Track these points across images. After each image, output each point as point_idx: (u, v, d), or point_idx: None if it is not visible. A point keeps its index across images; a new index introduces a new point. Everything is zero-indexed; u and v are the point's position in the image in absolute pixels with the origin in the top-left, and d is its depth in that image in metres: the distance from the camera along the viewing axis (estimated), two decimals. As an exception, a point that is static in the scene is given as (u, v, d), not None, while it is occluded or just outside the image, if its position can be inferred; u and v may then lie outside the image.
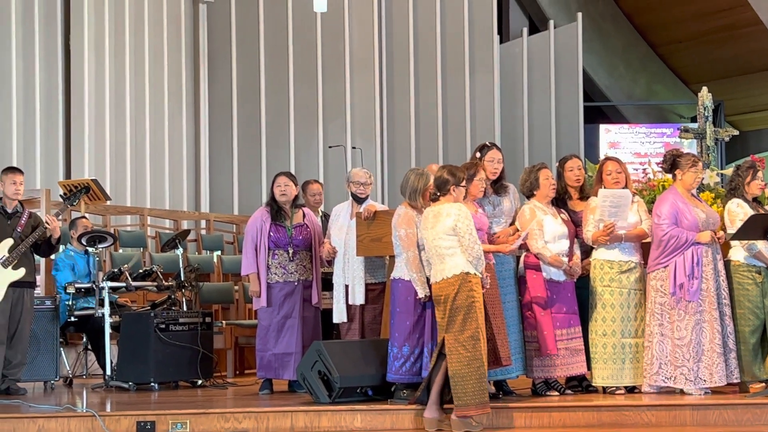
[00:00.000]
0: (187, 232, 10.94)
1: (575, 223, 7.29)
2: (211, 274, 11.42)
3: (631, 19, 18.50)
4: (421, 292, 6.67)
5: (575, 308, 7.18)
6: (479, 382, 6.34)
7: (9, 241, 7.94)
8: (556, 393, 7.12)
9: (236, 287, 10.45)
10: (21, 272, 7.94)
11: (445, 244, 6.42)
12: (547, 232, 7.06)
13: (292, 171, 13.72)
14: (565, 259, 7.10)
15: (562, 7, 17.38)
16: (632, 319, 7.17)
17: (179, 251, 9.46)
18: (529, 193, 7.23)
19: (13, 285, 7.94)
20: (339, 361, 6.89)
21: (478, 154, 7.29)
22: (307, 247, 7.96)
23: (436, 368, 6.50)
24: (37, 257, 8.58)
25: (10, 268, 7.91)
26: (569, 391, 7.23)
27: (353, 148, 14.56)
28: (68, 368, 9.16)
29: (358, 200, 7.91)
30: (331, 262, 7.91)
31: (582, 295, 7.25)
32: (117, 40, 14.28)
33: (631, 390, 7.19)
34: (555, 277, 7.12)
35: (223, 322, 9.77)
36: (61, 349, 8.92)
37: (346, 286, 7.76)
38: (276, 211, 7.93)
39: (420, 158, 14.97)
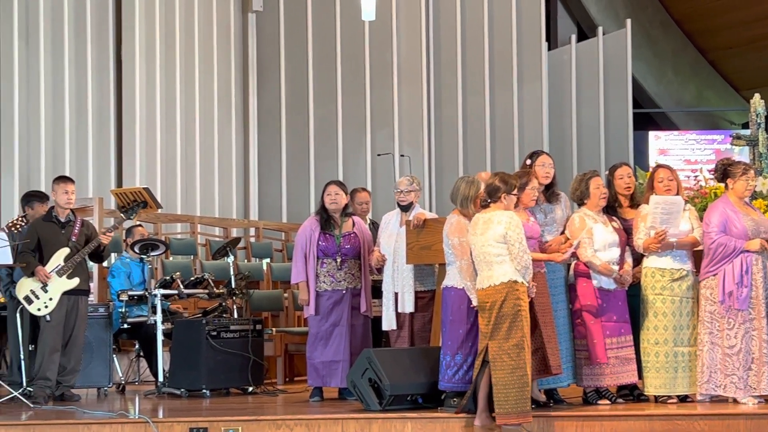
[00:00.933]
0: (238, 239, 11.01)
1: (626, 231, 7.24)
2: (261, 281, 11.49)
3: (681, 25, 18.36)
4: (476, 300, 6.67)
5: (626, 317, 7.13)
6: (521, 391, 6.34)
7: (65, 251, 8.05)
8: (607, 402, 7.07)
9: (286, 295, 10.51)
10: (75, 281, 8.05)
11: (494, 251, 6.43)
12: (597, 241, 7.03)
13: (341, 179, 13.76)
14: (616, 268, 7.06)
15: (610, 14, 17.29)
16: (685, 327, 7.11)
17: (230, 259, 9.52)
18: (579, 201, 7.21)
19: (68, 293, 8.04)
20: (389, 368, 6.90)
21: (528, 161, 7.28)
22: (355, 256, 7.98)
23: (480, 376, 6.51)
24: (89, 264, 8.69)
25: (65, 277, 8.02)
26: (620, 400, 7.18)
27: (401, 156, 14.57)
28: (121, 375, 9.26)
29: (401, 208, 7.92)
30: (380, 270, 7.93)
31: (633, 303, 7.20)
32: (167, 49, 14.43)
33: (683, 399, 7.13)
34: (606, 286, 7.08)
35: (273, 329, 9.83)
36: (114, 356, 9.02)
37: (396, 294, 7.78)
38: (325, 220, 7.97)
39: (468, 166, 14.94)
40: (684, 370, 7.08)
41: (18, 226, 8.08)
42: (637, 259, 7.27)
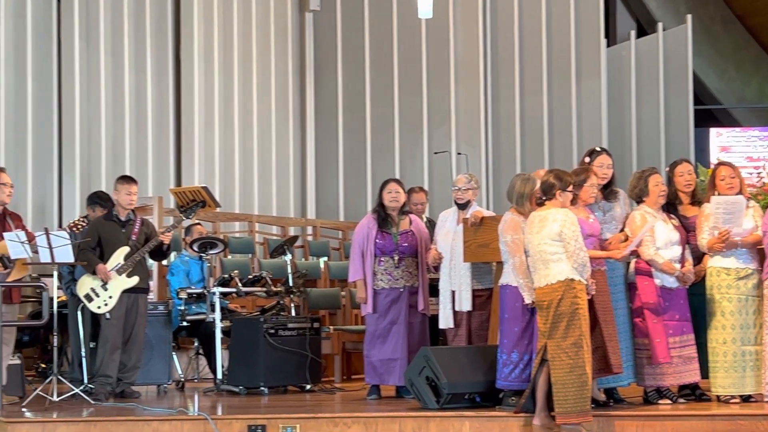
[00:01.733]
0: (295, 238, 11.05)
1: (686, 229, 7.15)
2: (318, 279, 11.52)
3: (743, 20, 18.07)
4: (528, 298, 6.63)
5: (688, 315, 7.04)
6: (581, 390, 6.29)
7: (125, 249, 8.13)
8: (669, 401, 6.98)
9: (343, 293, 10.53)
10: (135, 280, 8.12)
11: (550, 249, 6.38)
12: (658, 238, 6.94)
13: (398, 177, 13.76)
14: (678, 266, 6.96)
15: (670, 10, 17.07)
16: (751, 326, 6.98)
17: (287, 257, 9.56)
18: (638, 199, 7.12)
19: (128, 291, 8.11)
20: (447, 367, 6.88)
21: (587, 159, 7.21)
22: (413, 254, 7.97)
23: (538, 375, 6.46)
24: (149, 262, 8.76)
25: (124, 275, 8.10)
26: (682, 400, 7.07)
27: (458, 154, 14.51)
28: (180, 372, 9.33)
29: (459, 206, 7.89)
30: (437, 268, 7.91)
31: (694, 301, 7.11)
32: (225, 50, 14.53)
33: (746, 399, 7.01)
34: (667, 284, 6.99)
35: (331, 327, 9.85)
36: (174, 353, 9.09)
37: (453, 292, 7.75)
38: (383, 218, 7.96)
39: (525, 164, 14.84)
40: (752, 369, 6.95)
41: (79, 227, 8.17)
42: (698, 258, 7.17)
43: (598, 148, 7.32)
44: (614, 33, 16.76)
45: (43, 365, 9.79)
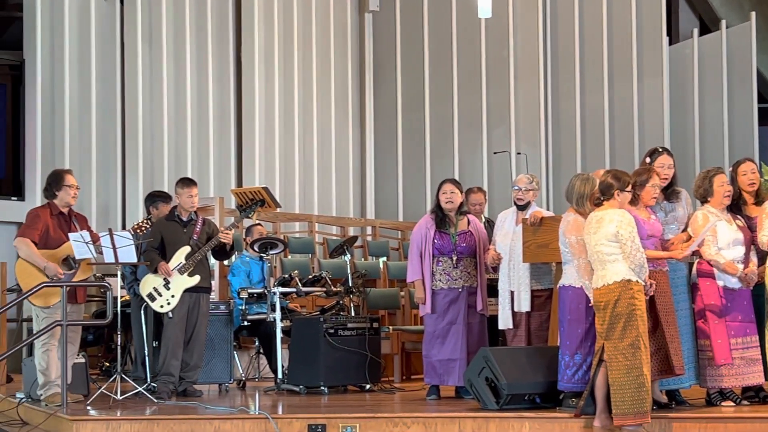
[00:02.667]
0: (355, 238, 11.08)
1: (751, 229, 7.04)
2: (377, 279, 11.54)
3: (808, 16, 17.76)
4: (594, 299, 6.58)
5: (752, 316, 6.94)
6: (638, 391, 6.24)
7: (186, 249, 8.22)
8: (732, 403, 6.89)
9: (402, 293, 10.54)
10: (196, 279, 8.20)
11: (606, 250, 6.34)
12: (721, 239, 6.85)
13: (456, 178, 13.73)
14: (741, 266, 6.87)
15: (734, 7, 16.83)
16: (815, 327, 6.89)
17: (347, 257, 9.59)
18: (702, 199, 7.03)
19: (190, 290, 8.20)
20: (506, 367, 6.86)
21: (648, 159, 7.14)
22: (471, 254, 7.95)
23: (596, 375, 6.42)
24: (211, 262, 8.84)
25: (186, 275, 8.19)
26: (745, 402, 6.98)
27: (518, 154, 14.45)
28: (241, 371, 9.41)
29: (518, 207, 7.86)
30: (496, 269, 7.89)
31: (757, 303, 7.00)
32: (286, 51, 14.64)
33: (812, 402, 6.91)
34: (730, 285, 6.90)
35: (390, 327, 9.86)
36: (235, 352, 9.16)
37: (512, 293, 7.73)
38: (441, 218, 7.96)
39: (586, 164, 14.73)
40: (819, 371, 6.85)
41: (143, 229, 8.27)
42: (762, 258, 7.06)
43: (659, 148, 7.24)
44: (677, 31, 16.57)
45: (107, 364, 9.95)
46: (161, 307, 8.13)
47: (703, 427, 6.47)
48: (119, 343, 7.86)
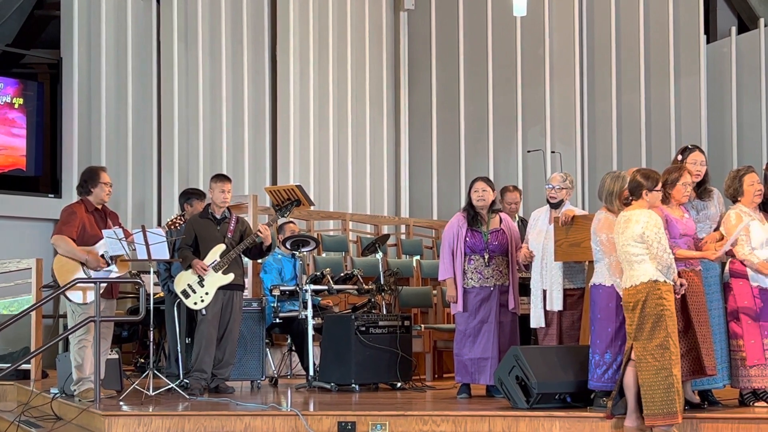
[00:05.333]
0: (387, 236, 11.08)
1: (785, 229, 6.98)
2: (411, 278, 11.55)
3: None
4: (624, 297, 6.55)
5: (786, 316, 6.87)
6: (667, 392, 6.19)
7: (221, 247, 8.26)
8: (765, 404, 6.83)
9: (434, 291, 10.54)
10: (230, 277, 8.25)
11: (633, 250, 6.30)
12: (754, 238, 6.79)
13: (491, 176, 13.72)
14: (774, 266, 6.81)
15: (773, 4, 16.66)
16: None
17: (379, 255, 9.60)
18: (733, 198, 6.97)
19: (223, 288, 8.25)
20: (537, 366, 6.84)
21: (679, 157, 7.09)
22: (503, 252, 7.93)
23: (624, 376, 6.38)
24: (245, 260, 8.88)
25: (220, 272, 8.23)
26: (779, 403, 6.93)
27: (552, 152, 14.39)
28: (273, 368, 9.45)
29: (551, 205, 7.84)
30: (528, 267, 7.86)
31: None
32: (321, 49, 14.68)
33: None
34: (764, 285, 6.84)
35: (422, 325, 9.86)
36: (267, 349, 9.20)
37: (544, 292, 7.70)
38: (472, 216, 7.94)
39: (622, 163, 14.64)
40: None
41: (177, 224, 8.33)
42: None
43: (690, 146, 7.19)
44: (714, 29, 16.40)
45: (142, 360, 10.02)
46: (195, 303, 8.18)
47: (735, 427, 6.42)
48: (152, 340, 7.92)
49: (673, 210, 6.66)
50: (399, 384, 8.55)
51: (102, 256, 7.76)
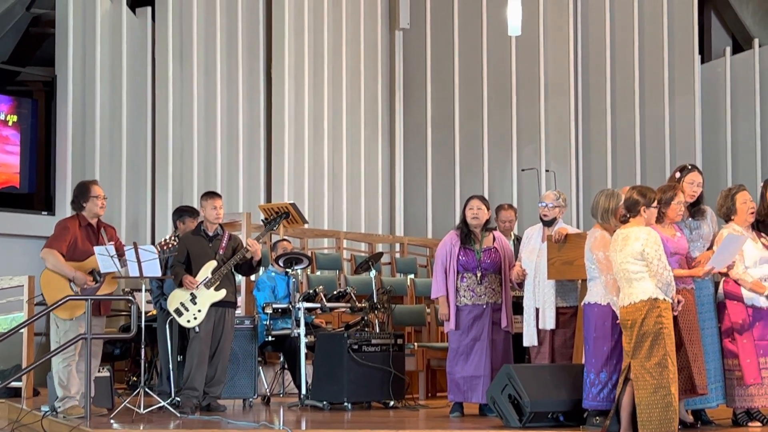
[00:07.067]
0: (380, 254, 11.06)
1: (778, 248, 6.96)
2: (405, 296, 11.52)
3: (842, 36, 17.58)
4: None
5: (780, 336, 6.85)
6: (665, 411, 6.16)
7: (212, 263, 8.24)
8: (759, 424, 6.80)
9: (428, 310, 10.51)
10: (222, 293, 8.21)
11: (632, 268, 6.28)
12: (747, 257, 6.78)
13: (486, 195, 13.70)
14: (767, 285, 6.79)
15: (767, 26, 16.71)
16: None
17: (372, 273, 9.58)
18: (726, 217, 6.96)
19: (216, 305, 8.21)
20: (530, 385, 6.81)
21: (677, 175, 7.08)
22: (496, 271, 7.92)
23: (622, 394, 6.35)
24: (237, 278, 8.86)
25: (212, 289, 8.20)
26: (773, 423, 6.90)
27: (547, 171, 14.40)
28: (266, 387, 9.40)
29: (544, 223, 7.83)
30: (521, 285, 7.84)
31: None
32: (316, 68, 14.69)
33: (840, 424, 6.80)
34: (758, 304, 6.82)
35: (415, 344, 9.83)
36: (260, 368, 9.16)
37: (537, 310, 7.68)
38: (466, 234, 7.93)
39: (616, 182, 14.63)
40: None
41: (170, 245, 8.27)
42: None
43: (689, 165, 7.18)
44: (709, 49, 16.44)
45: (134, 378, 9.97)
46: (188, 321, 8.15)
47: (729, 447, 6.40)
48: (143, 358, 7.87)
49: (664, 229, 6.65)
50: (392, 402, 8.51)
51: (91, 272, 7.72)
